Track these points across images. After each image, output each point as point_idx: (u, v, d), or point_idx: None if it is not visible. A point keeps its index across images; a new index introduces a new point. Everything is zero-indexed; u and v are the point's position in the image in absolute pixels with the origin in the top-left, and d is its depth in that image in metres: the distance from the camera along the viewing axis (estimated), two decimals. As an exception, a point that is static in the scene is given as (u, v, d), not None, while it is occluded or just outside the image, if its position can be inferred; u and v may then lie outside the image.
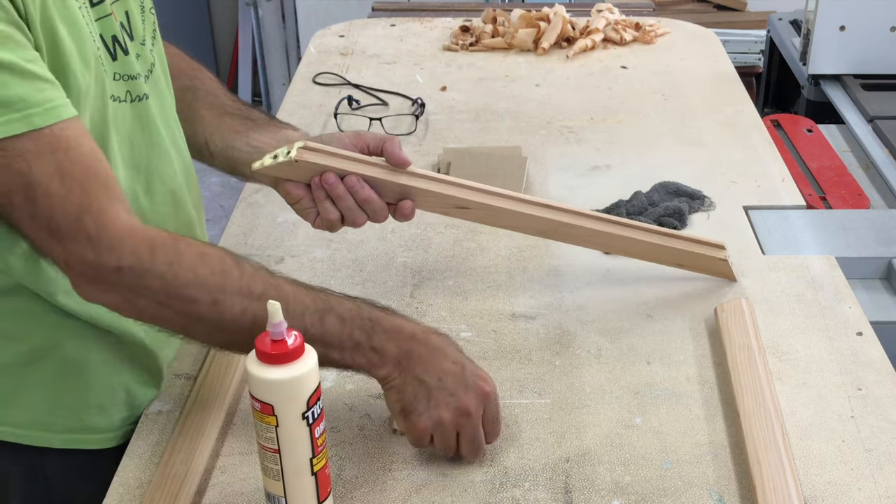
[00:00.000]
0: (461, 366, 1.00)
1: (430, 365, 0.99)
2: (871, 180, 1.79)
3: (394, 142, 1.13)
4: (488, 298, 1.31)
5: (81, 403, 1.07)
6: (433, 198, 1.16)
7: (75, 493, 1.10)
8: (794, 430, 1.07)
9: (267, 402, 0.88)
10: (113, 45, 1.01)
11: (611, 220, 1.26)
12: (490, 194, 1.20)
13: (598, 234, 1.24)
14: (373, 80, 2.01)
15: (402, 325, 1.00)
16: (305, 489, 0.92)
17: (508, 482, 1.01)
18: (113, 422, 1.09)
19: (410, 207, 1.15)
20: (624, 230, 1.25)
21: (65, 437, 1.07)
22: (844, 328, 1.23)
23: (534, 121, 1.83)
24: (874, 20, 2.16)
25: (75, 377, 1.05)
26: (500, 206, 1.20)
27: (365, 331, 0.98)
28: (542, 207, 1.22)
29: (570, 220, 1.23)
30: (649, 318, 1.26)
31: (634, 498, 0.99)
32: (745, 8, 3.54)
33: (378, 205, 1.13)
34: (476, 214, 1.21)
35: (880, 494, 0.99)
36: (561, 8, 2.24)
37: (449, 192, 1.17)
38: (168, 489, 0.98)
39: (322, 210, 1.12)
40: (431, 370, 0.99)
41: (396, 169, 1.13)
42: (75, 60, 0.92)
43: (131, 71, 1.04)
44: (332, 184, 1.10)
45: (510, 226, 1.25)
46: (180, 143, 1.14)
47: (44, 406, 1.05)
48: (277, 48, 4.22)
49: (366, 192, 1.11)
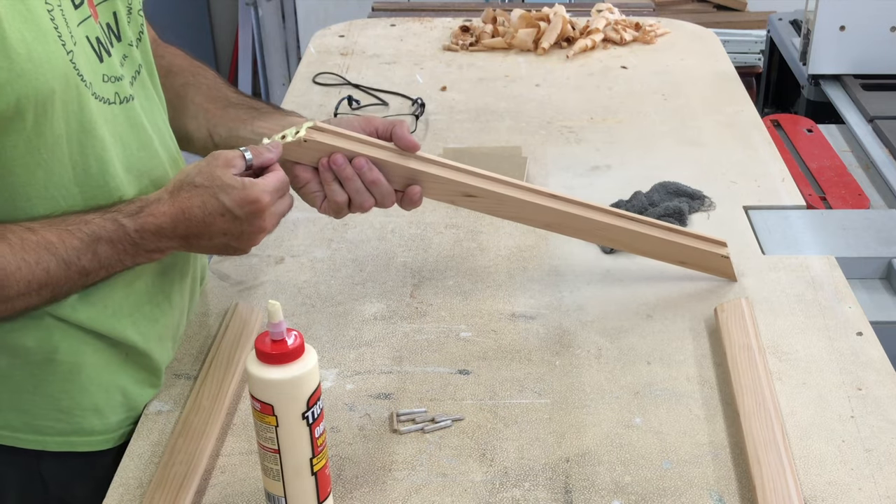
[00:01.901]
0: (230, 213, 1.01)
1: (208, 233, 1.02)
2: (871, 180, 1.79)
3: (403, 125, 1.14)
4: (488, 298, 1.31)
5: (76, 406, 1.06)
6: (441, 184, 1.16)
7: (72, 495, 1.09)
8: (794, 430, 1.07)
9: (267, 402, 0.88)
10: (98, 47, 1.01)
11: (617, 214, 1.26)
12: (498, 182, 1.20)
13: (604, 226, 1.24)
14: (373, 80, 2.01)
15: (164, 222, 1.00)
16: (305, 489, 0.92)
17: (508, 482, 1.01)
18: (109, 424, 1.09)
19: (418, 193, 1.15)
20: (630, 224, 1.25)
21: (60, 439, 1.07)
22: (844, 328, 1.23)
23: (534, 121, 1.83)
24: (874, 20, 2.15)
25: (70, 380, 1.05)
26: (508, 195, 1.19)
27: (136, 244, 1.00)
28: (549, 197, 1.22)
29: (577, 211, 1.23)
30: (649, 318, 1.26)
31: (634, 498, 0.99)
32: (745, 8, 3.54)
33: (386, 188, 1.13)
34: (483, 203, 1.20)
35: (880, 494, 0.99)
36: (561, 8, 2.24)
37: (457, 179, 1.17)
38: (168, 489, 0.98)
39: (329, 192, 1.12)
40: (213, 234, 1.02)
41: (405, 153, 1.13)
42: (24, 61, 0.90)
43: (115, 73, 1.04)
44: (340, 164, 1.10)
45: (517, 216, 1.24)
46: (170, 145, 1.14)
47: (39, 409, 1.05)
48: (277, 48, 4.22)
49: (374, 174, 1.12)
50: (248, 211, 1.01)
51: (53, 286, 0.97)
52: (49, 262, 0.95)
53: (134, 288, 1.08)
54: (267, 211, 1.02)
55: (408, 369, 1.18)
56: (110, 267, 1.01)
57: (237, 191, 1.01)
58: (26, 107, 0.91)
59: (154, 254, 1.03)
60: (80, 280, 0.99)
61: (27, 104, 0.91)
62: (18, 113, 0.91)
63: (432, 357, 1.20)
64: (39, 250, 0.95)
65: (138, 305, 1.09)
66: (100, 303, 1.04)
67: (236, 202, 1.01)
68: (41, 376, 1.04)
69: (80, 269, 0.98)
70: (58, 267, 0.96)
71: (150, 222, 1.00)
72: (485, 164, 1.59)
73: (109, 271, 1.01)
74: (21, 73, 0.90)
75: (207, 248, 1.05)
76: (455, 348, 1.21)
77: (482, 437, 1.07)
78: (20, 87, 0.90)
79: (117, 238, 0.99)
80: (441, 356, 1.20)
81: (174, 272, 1.15)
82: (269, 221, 1.04)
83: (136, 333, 1.08)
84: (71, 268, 0.97)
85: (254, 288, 1.34)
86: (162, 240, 1.01)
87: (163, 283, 1.13)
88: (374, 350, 1.21)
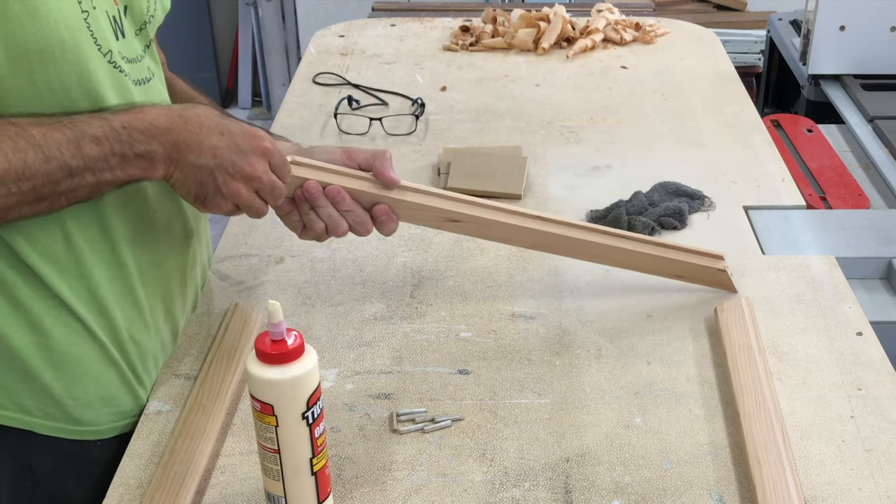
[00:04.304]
0: (230, 134, 1.01)
1: (199, 147, 0.99)
2: (871, 180, 1.79)
3: (384, 159, 1.15)
4: (488, 298, 1.31)
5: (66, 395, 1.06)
6: (423, 211, 1.18)
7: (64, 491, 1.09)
8: (794, 430, 1.07)
9: (267, 402, 0.88)
10: (115, 26, 1.02)
11: (606, 232, 1.25)
12: (481, 207, 1.20)
13: (592, 245, 1.24)
14: (373, 80, 2.01)
15: (156, 118, 0.98)
16: (305, 489, 0.92)
17: (508, 482, 1.01)
18: (98, 416, 1.09)
19: (384, 211, 1.16)
20: (620, 242, 1.25)
21: (49, 423, 1.06)
22: (844, 328, 1.23)
23: (534, 121, 1.83)
24: (874, 20, 2.16)
25: (59, 368, 1.04)
26: (493, 219, 1.20)
27: (123, 141, 0.96)
28: (535, 220, 1.22)
29: (564, 231, 1.23)
30: (649, 318, 1.26)
31: (634, 498, 0.99)
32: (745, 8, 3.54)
33: (360, 216, 1.15)
34: (468, 228, 1.21)
35: (880, 494, 0.99)
36: (561, 8, 2.24)
37: (437, 205, 1.18)
38: (168, 489, 0.98)
39: (307, 221, 1.15)
40: (203, 151, 1.00)
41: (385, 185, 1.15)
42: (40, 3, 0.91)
43: (132, 54, 1.05)
44: (313, 192, 1.12)
45: (504, 238, 1.25)
46: None
47: (27, 392, 1.04)
48: (277, 48, 4.22)
49: (347, 203, 1.14)
50: (250, 145, 1.01)
51: (33, 179, 0.92)
52: (27, 152, 0.91)
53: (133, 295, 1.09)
54: (268, 158, 1.02)
55: (408, 369, 1.18)
56: (97, 170, 0.95)
57: (247, 126, 1.01)
58: (32, 49, 0.91)
59: (142, 161, 0.97)
60: (65, 180, 0.93)
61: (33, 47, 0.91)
62: (25, 54, 0.91)
63: (432, 357, 1.20)
64: (17, 139, 0.91)
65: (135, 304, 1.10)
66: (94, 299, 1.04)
67: (241, 130, 1.01)
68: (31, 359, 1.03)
69: (62, 164, 0.92)
70: (36, 158, 0.91)
71: (140, 118, 0.97)
72: (485, 164, 1.60)
73: (97, 176, 0.95)
74: (33, 14, 0.90)
75: (191, 170, 1.00)
76: (455, 348, 1.21)
77: (482, 437, 1.07)
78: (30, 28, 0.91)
79: (103, 134, 0.95)
80: (441, 356, 1.20)
81: (174, 284, 1.16)
82: (261, 171, 1.03)
83: (126, 332, 1.09)
84: (51, 162, 0.92)
85: (254, 288, 1.34)
86: (151, 141, 0.96)
87: (164, 298, 1.15)
88: (374, 350, 1.21)
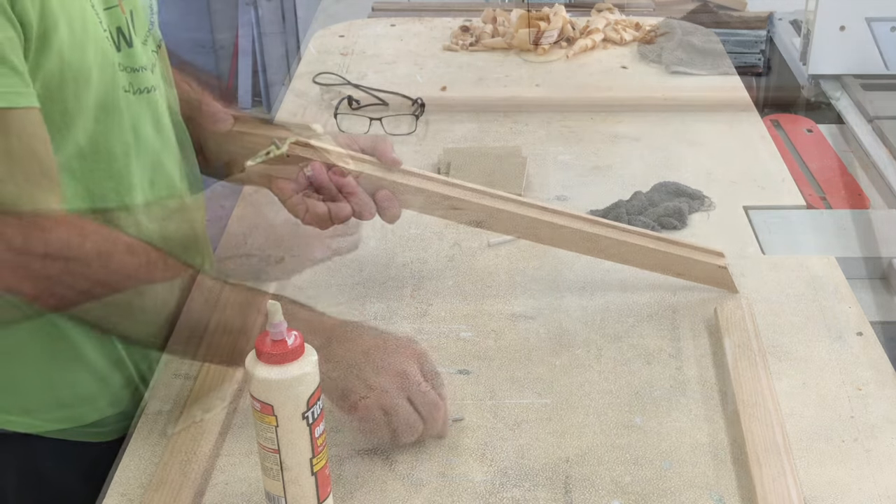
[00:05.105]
0: (382, 338, 1.01)
1: (352, 344, 1.00)
2: (871, 180, 1.79)
3: (385, 143, 1.15)
4: (488, 298, 1.31)
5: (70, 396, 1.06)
6: (425, 196, 1.17)
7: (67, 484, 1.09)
8: (794, 430, 1.07)
9: (267, 402, 0.88)
10: (118, 37, 1.02)
11: (609, 225, 1.25)
12: (483, 194, 1.20)
13: (596, 238, 1.24)
14: (373, 79, 2.01)
15: (318, 318, 1.01)
16: (305, 489, 0.92)
17: (508, 482, 1.01)
18: (103, 418, 1.09)
19: (386, 196, 1.15)
20: (621, 234, 1.25)
21: (54, 426, 1.07)
22: (844, 328, 1.23)
23: (534, 121, 1.82)
24: (874, 20, 2.15)
25: (62, 369, 1.05)
26: (496, 207, 1.20)
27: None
28: (537, 209, 1.22)
29: (566, 222, 1.23)
30: (649, 319, 1.26)
31: (634, 498, 0.99)
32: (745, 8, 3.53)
33: (364, 199, 1.15)
34: (470, 216, 1.21)
35: (880, 494, 0.99)
36: (561, 8, 2.24)
37: (441, 191, 1.18)
38: (168, 489, 0.98)
39: (310, 203, 1.14)
40: (354, 348, 0.99)
41: (388, 167, 1.14)
42: (65, 44, 0.91)
43: (135, 63, 1.04)
44: (317, 172, 1.12)
45: (505, 229, 1.25)
46: (183, 140, 1.15)
47: (32, 394, 1.04)
48: (277, 48, 4.22)
49: (351, 185, 1.13)
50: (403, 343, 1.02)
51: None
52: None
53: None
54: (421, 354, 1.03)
55: (408, 369, 1.18)
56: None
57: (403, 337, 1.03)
58: (68, 76, 0.92)
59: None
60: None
61: (62, 85, 0.92)
62: (63, 81, 0.92)
63: (432, 357, 1.19)
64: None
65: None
66: None
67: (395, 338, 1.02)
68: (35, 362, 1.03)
69: None
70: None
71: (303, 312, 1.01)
72: (485, 164, 1.60)
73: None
74: (75, 43, 0.91)
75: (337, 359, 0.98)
76: (455, 348, 1.21)
77: (482, 437, 1.07)
78: (70, 55, 0.91)
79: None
80: (441, 356, 1.19)
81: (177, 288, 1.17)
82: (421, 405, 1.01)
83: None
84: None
85: (254, 288, 1.34)
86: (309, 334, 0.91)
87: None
88: (374, 350, 1.21)
